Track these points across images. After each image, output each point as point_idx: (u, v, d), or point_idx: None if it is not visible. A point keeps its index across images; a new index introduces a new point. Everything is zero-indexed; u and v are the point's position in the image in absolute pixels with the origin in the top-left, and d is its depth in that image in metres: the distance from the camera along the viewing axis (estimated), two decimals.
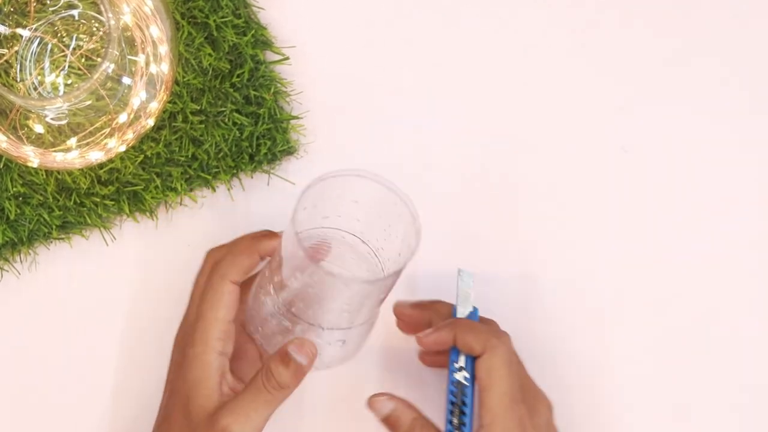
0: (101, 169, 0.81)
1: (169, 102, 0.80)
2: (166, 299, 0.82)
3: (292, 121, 0.82)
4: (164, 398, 0.75)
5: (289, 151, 0.82)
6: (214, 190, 0.83)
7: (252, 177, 0.83)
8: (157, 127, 0.81)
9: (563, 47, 0.84)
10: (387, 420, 0.73)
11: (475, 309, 0.75)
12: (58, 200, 0.81)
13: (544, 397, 0.74)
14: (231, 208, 0.83)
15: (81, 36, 0.78)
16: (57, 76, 0.78)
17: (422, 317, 0.76)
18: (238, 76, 0.81)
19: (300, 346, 0.70)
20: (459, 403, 0.72)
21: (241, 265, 0.74)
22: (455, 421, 0.72)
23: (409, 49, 0.84)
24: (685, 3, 0.84)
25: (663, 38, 0.84)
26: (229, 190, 0.83)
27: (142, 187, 0.81)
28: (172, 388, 0.74)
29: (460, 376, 0.72)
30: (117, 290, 0.83)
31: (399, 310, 0.76)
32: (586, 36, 0.84)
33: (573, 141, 0.84)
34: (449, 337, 0.73)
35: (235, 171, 0.82)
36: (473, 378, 0.72)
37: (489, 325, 0.75)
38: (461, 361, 0.72)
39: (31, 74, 0.78)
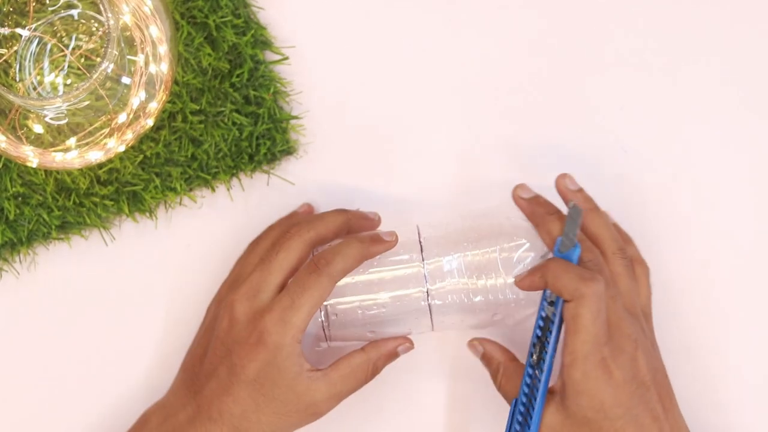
0: (100, 169, 0.81)
1: (169, 102, 0.80)
2: (165, 299, 0.82)
3: (292, 121, 0.82)
4: (218, 365, 0.75)
5: (289, 151, 0.82)
6: (214, 191, 0.83)
7: (251, 177, 0.83)
8: (157, 127, 0.81)
9: (563, 47, 0.84)
10: (483, 358, 0.78)
11: (576, 245, 0.74)
12: (58, 200, 0.81)
13: (630, 331, 0.72)
14: (231, 208, 0.83)
15: (80, 36, 0.77)
16: (56, 76, 0.78)
17: (530, 210, 0.77)
18: (237, 76, 0.81)
19: (407, 348, 0.78)
20: (543, 339, 0.73)
21: (349, 271, 0.75)
22: (535, 357, 0.74)
23: (409, 48, 0.84)
24: (686, 3, 0.84)
25: (663, 38, 0.84)
26: (228, 190, 0.83)
27: (141, 187, 0.81)
28: (238, 364, 0.73)
29: (549, 311, 0.73)
30: (117, 290, 0.83)
31: (516, 193, 0.78)
32: (586, 36, 0.84)
33: (573, 141, 0.84)
34: (541, 282, 0.73)
35: (234, 171, 0.82)
36: (561, 317, 0.73)
37: (587, 264, 0.74)
38: (552, 296, 0.73)
39: (30, 74, 0.77)
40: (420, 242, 0.77)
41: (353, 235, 0.76)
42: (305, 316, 0.73)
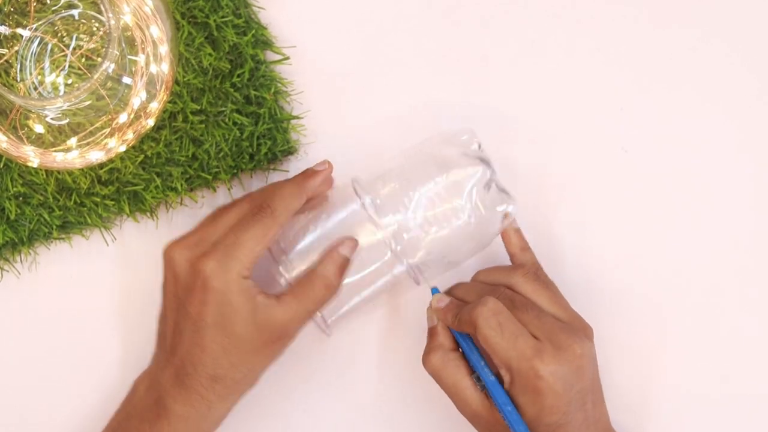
0: (101, 169, 0.81)
1: (170, 102, 0.80)
2: None
3: (293, 121, 0.82)
4: (178, 319, 0.75)
5: (290, 151, 0.82)
6: (215, 191, 0.83)
7: (252, 177, 0.83)
8: (158, 127, 0.81)
9: (563, 47, 0.84)
10: (431, 329, 0.78)
11: (433, 289, 0.78)
12: (59, 200, 0.81)
13: (569, 342, 0.74)
14: None
15: (81, 36, 0.77)
16: (57, 76, 0.78)
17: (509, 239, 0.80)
18: (238, 76, 0.81)
19: (347, 244, 0.77)
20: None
21: (292, 210, 0.75)
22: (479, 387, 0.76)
23: (409, 48, 0.84)
24: (687, 3, 0.84)
25: (664, 38, 0.84)
26: (229, 189, 0.83)
27: (142, 187, 0.81)
28: (194, 312, 0.74)
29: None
30: (117, 290, 0.83)
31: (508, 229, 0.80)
32: (587, 36, 0.84)
33: (573, 141, 0.84)
34: (452, 323, 0.76)
35: (235, 171, 0.82)
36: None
37: (477, 290, 0.77)
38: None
39: (31, 74, 0.77)
40: (371, 214, 0.77)
41: (289, 179, 0.77)
42: (248, 252, 0.73)
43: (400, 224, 0.76)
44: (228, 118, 0.81)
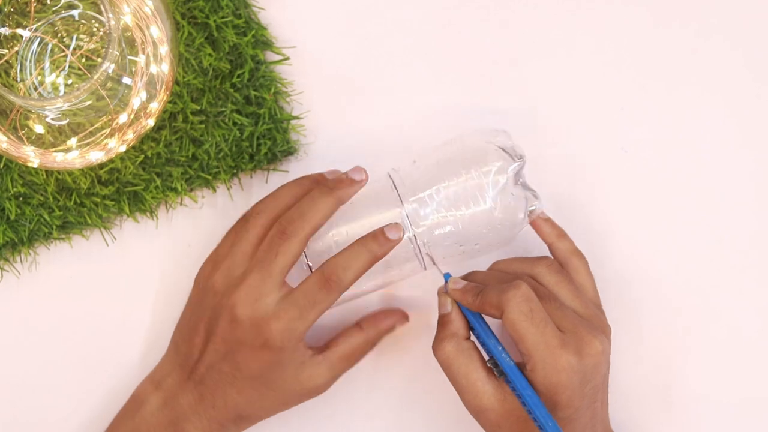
0: (101, 169, 0.81)
1: (170, 102, 0.80)
2: (166, 299, 0.82)
3: (293, 122, 0.82)
4: (220, 363, 0.75)
5: (290, 151, 0.82)
6: (215, 191, 0.83)
7: (251, 176, 0.83)
8: (158, 127, 0.81)
9: (563, 47, 0.84)
10: (443, 317, 0.76)
11: (446, 274, 0.76)
12: (59, 200, 0.81)
13: (590, 338, 0.73)
14: (231, 208, 0.83)
15: (81, 36, 0.77)
16: (57, 76, 0.78)
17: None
18: (238, 77, 0.81)
19: (397, 319, 0.80)
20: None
21: (356, 279, 0.75)
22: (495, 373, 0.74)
23: (409, 49, 0.84)
24: (687, 3, 0.84)
25: (664, 38, 0.84)
26: (228, 189, 0.83)
27: (142, 187, 0.81)
28: (242, 361, 0.75)
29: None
30: (117, 290, 0.83)
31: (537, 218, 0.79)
32: (587, 36, 0.84)
33: (573, 141, 0.84)
34: (471, 303, 0.74)
35: (235, 171, 0.82)
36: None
37: (539, 280, 0.76)
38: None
39: (31, 74, 0.77)
40: (395, 187, 0.77)
41: (359, 244, 0.75)
42: (310, 323, 0.74)
43: (420, 206, 0.76)
44: (228, 118, 0.81)
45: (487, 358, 0.73)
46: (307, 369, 0.75)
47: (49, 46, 0.77)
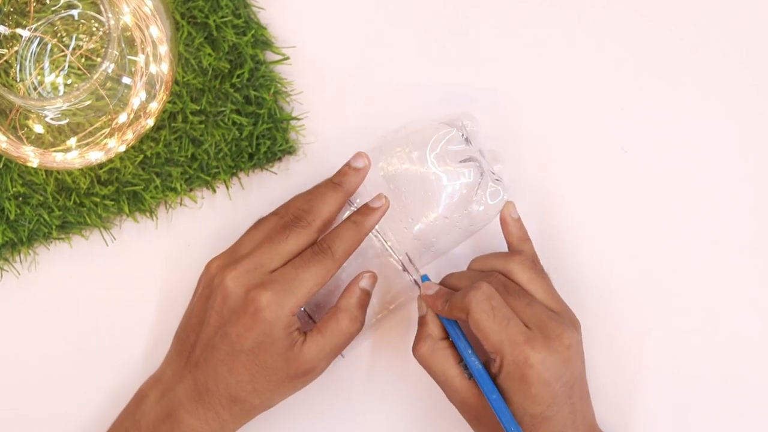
0: (101, 169, 0.81)
1: (169, 102, 0.80)
2: (166, 299, 0.82)
3: (292, 122, 0.82)
4: (212, 337, 0.76)
5: (289, 150, 0.82)
6: (214, 191, 0.83)
7: (249, 176, 0.83)
8: (157, 127, 0.81)
9: (564, 47, 0.84)
10: (420, 319, 0.78)
11: (423, 276, 0.78)
12: (58, 200, 0.81)
13: (559, 332, 0.74)
14: (231, 208, 0.83)
15: (81, 36, 0.77)
16: (57, 76, 0.78)
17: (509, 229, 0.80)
18: (238, 76, 0.81)
19: (368, 277, 0.78)
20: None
21: (350, 252, 0.76)
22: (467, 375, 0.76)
23: (409, 49, 0.84)
24: (687, 3, 0.84)
25: (664, 38, 0.84)
26: (228, 189, 0.83)
27: (141, 187, 0.81)
28: (233, 333, 0.75)
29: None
30: (117, 290, 0.83)
31: (505, 211, 0.79)
32: (587, 36, 0.84)
33: (573, 141, 0.84)
34: (442, 310, 0.76)
35: (234, 171, 0.82)
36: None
37: (471, 277, 0.77)
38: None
39: (30, 74, 0.77)
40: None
41: (348, 218, 0.77)
42: (306, 291, 0.74)
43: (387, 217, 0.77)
44: (227, 118, 0.81)
45: (459, 359, 0.76)
46: (296, 349, 0.75)
47: (49, 46, 0.77)
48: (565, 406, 0.73)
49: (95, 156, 0.76)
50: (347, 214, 0.79)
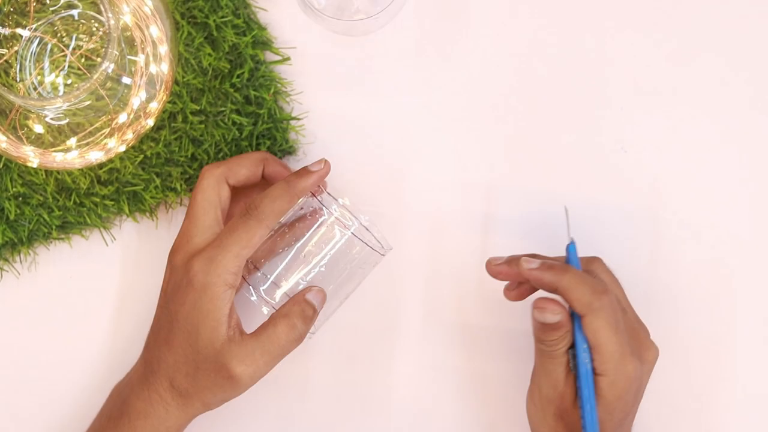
0: (101, 169, 0.81)
1: (169, 102, 0.80)
2: None
3: (292, 122, 0.82)
4: (161, 316, 0.75)
5: (289, 150, 0.82)
6: None
7: None
8: (157, 127, 0.81)
9: (563, 47, 0.84)
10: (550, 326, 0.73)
11: (572, 242, 0.75)
12: (58, 200, 0.81)
13: (650, 343, 0.74)
14: (230, 208, 0.83)
15: (81, 36, 0.77)
16: (57, 76, 0.78)
17: (513, 273, 0.76)
18: (238, 76, 0.81)
19: (316, 292, 0.75)
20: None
21: (279, 212, 0.74)
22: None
23: (409, 49, 0.84)
24: (687, 3, 0.84)
25: (664, 38, 0.84)
26: None
27: (141, 187, 0.81)
28: (173, 310, 0.74)
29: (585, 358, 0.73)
30: (117, 290, 0.82)
31: (493, 268, 0.76)
32: (587, 36, 0.84)
33: (573, 141, 0.84)
34: (551, 285, 0.73)
35: None
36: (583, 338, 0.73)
37: (594, 276, 0.75)
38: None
39: (30, 74, 0.77)
40: (318, 198, 0.76)
41: (282, 180, 0.76)
42: (232, 256, 0.73)
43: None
44: (227, 118, 0.81)
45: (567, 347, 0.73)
46: (223, 336, 0.72)
47: (49, 46, 0.77)
48: (631, 416, 0.74)
49: (95, 156, 0.76)
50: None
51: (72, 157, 0.76)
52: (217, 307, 0.73)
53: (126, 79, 0.75)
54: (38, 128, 0.76)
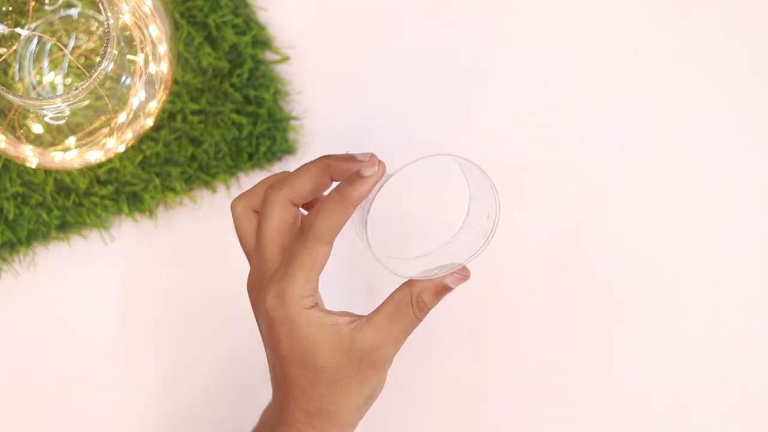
0: (100, 168, 0.81)
1: (169, 102, 0.80)
2: (165, 299, 0.82)
3: (292, 122, 0.82)
4: (268, 355, 0.72)
5: (289, 150, 0.82)
6: (214, 191, 0.82)
7: (249, 176, 0.83)
8: (157, 127, 0.81)
9: (564, 47, 0.84)
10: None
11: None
12: (57, 200, 0.81)
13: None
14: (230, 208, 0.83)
15: (80, 35, 0.77)
16: (56, 75, 0.77)
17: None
18: (237, 76, 0.81)
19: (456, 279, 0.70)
20: None
21: (336, 227, 0.68)
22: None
23: (409, 49, 0.84)
24: (688, 3, 0.84)
25: (664, 38, 0.84)
26: (228, 189, 0.83)
27: (141, 187, 0.81)
28: (275, 347, 0.70)
29: None
30: (116, 290, 0.82)
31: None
32: (587, 35, 0.84)
33: (573, 141, 0.84)
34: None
35: (234, 171, 0.82)
36: None
37: None
38: None
39: (29, 73, 0.77)
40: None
41: (334, 189, 0.69)
42: (301, 283, 0.68)
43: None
44: (227, 117, 0.81)
45: None
46: (345, 336, 0.69)
47: (48, 45, 0.77)
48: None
49: (94, 156, 0.76)
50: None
51: (71, 156, 0.76)
52: (319, 328, 0.69)
53: (125, 79, 0.75)
54: (37, 128, 0.76)
